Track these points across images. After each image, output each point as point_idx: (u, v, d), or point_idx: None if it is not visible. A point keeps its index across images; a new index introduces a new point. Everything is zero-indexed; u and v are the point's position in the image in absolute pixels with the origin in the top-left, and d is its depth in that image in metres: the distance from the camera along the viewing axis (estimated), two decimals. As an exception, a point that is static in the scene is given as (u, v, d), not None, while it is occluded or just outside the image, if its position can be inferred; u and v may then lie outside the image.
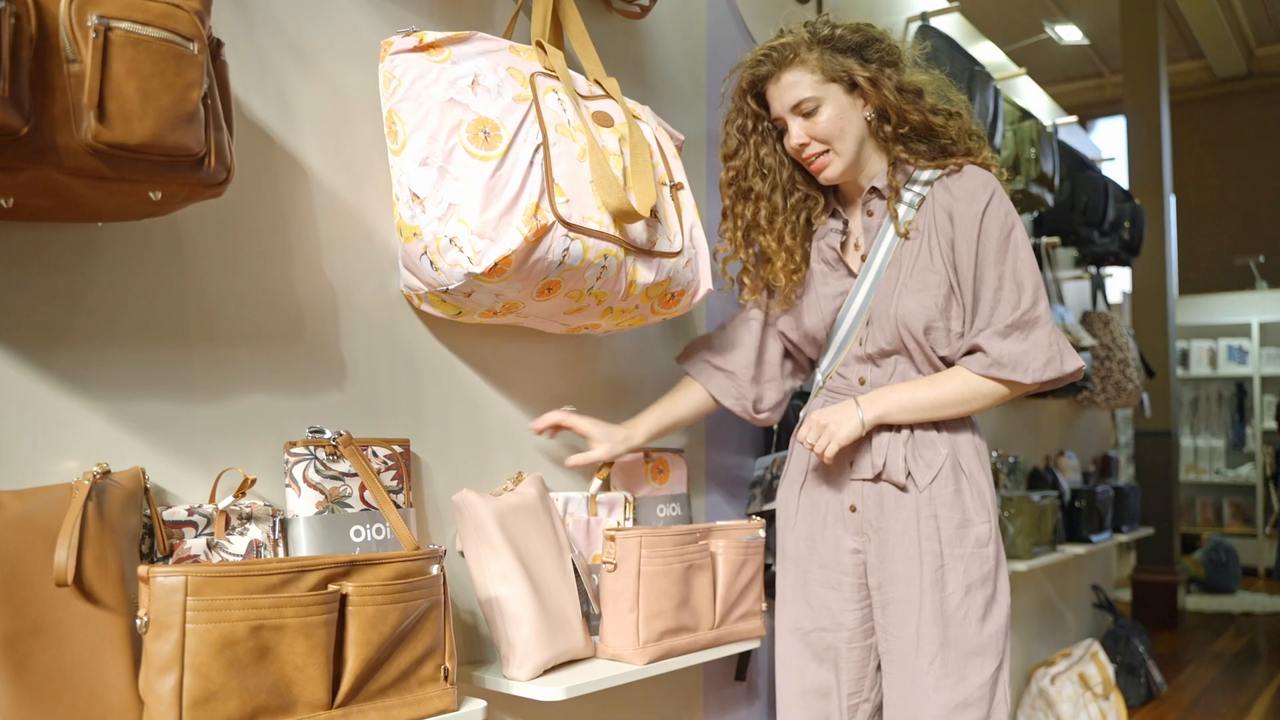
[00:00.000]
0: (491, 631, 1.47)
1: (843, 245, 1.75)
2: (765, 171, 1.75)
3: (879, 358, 1.69)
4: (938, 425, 1.66)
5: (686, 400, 1.83)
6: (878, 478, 1.67)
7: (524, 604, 1.45)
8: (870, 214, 1.72)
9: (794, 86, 1.65)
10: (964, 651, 1.61)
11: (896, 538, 1.65)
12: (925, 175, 1.68)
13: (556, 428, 1.70)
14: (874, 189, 1.71)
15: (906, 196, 1.68)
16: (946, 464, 1.65)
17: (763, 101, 1.73)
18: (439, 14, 1.56)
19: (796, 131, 1.67)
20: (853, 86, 1.65)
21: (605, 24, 1.86)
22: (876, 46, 1.66)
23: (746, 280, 1.82)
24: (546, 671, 1.48)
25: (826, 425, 1.61)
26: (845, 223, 1.75)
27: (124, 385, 1.17)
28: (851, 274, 1.72)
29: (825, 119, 1.64)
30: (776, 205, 1.75)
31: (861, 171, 1.71)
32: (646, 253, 1.53)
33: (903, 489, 1.65)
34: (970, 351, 1.65)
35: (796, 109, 1.66)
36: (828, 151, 1.67)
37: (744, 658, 2.13)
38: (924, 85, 1.68)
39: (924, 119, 1.66)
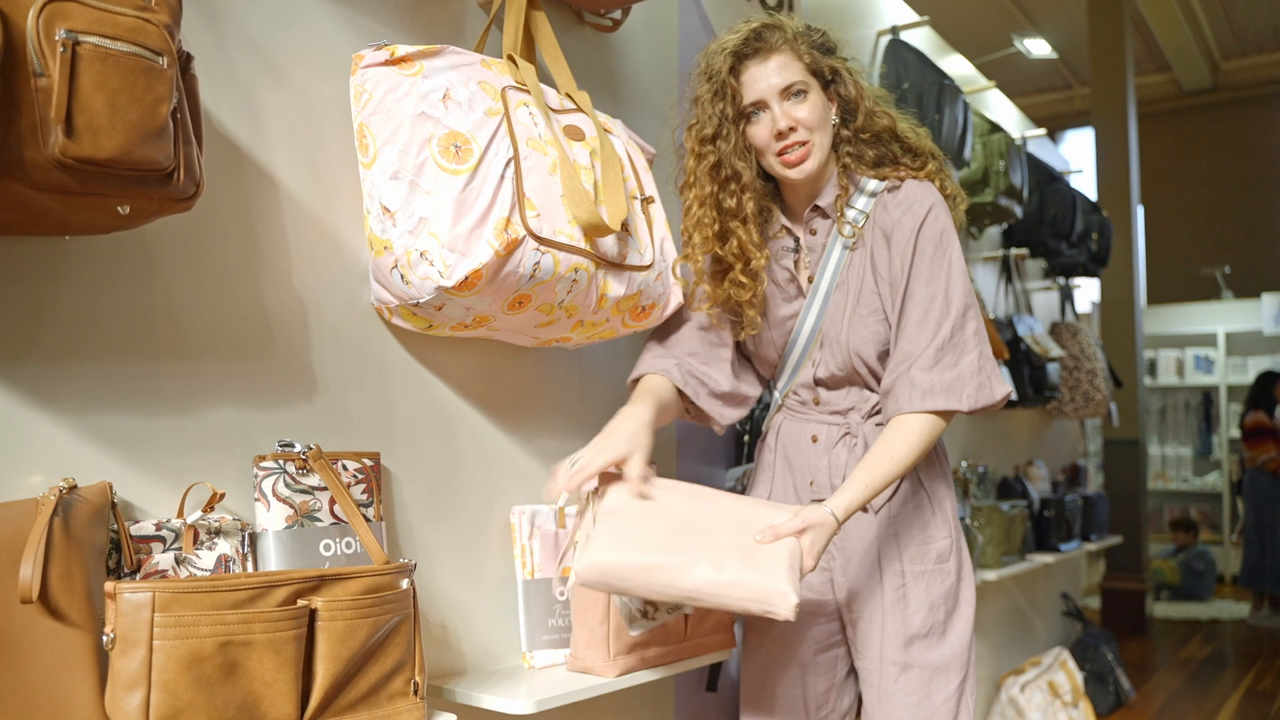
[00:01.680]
0: None
1: (795, 264, 1.70)
2: (743, 166, 1.62)
3: (831, 383, 1.68)
4: None
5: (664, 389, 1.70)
6: None
7: None
8: (813, 233, 1.67)
9: (786, 69, 1.58)
10: (928, 668, 1.63)
11: (859, 557, 1.67)
12: (871, 186, 1.64)
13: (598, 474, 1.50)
14: (817, 207, 1.66)
15: (850, 214, 1.63)
16: (905, 481, 1.66)
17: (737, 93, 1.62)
18: (410, 27, 1.57)
19: (781, 115, 1.57)
20: (827, 85, 1.63)
21: (577, 37, 1.87)
22: (844, 51, 1.67)
23: (707, 287, 1.68)
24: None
25: (811, 524, 1.44)
26: (797, 240, 1.70)
27: (91, 399, 1.16)
28: (802, 293, 1.69)
29: (811, 105, 1.58)
30: (758, 190, 1.65)
31: (821, 177, 1.65)
32: (617, 266, 1.54)
33: (863, 509, 1.64)
34: (897, 385, 1.56)
35: (786, 91, 1.57)
36: (809, 142, 1.58)
37: (715, 669, 2.13)
38: (880, 94, 1.70)
39: (891, 122, 1.65)
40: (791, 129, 1.58)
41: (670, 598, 1.39)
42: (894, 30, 3.05)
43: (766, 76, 1.58)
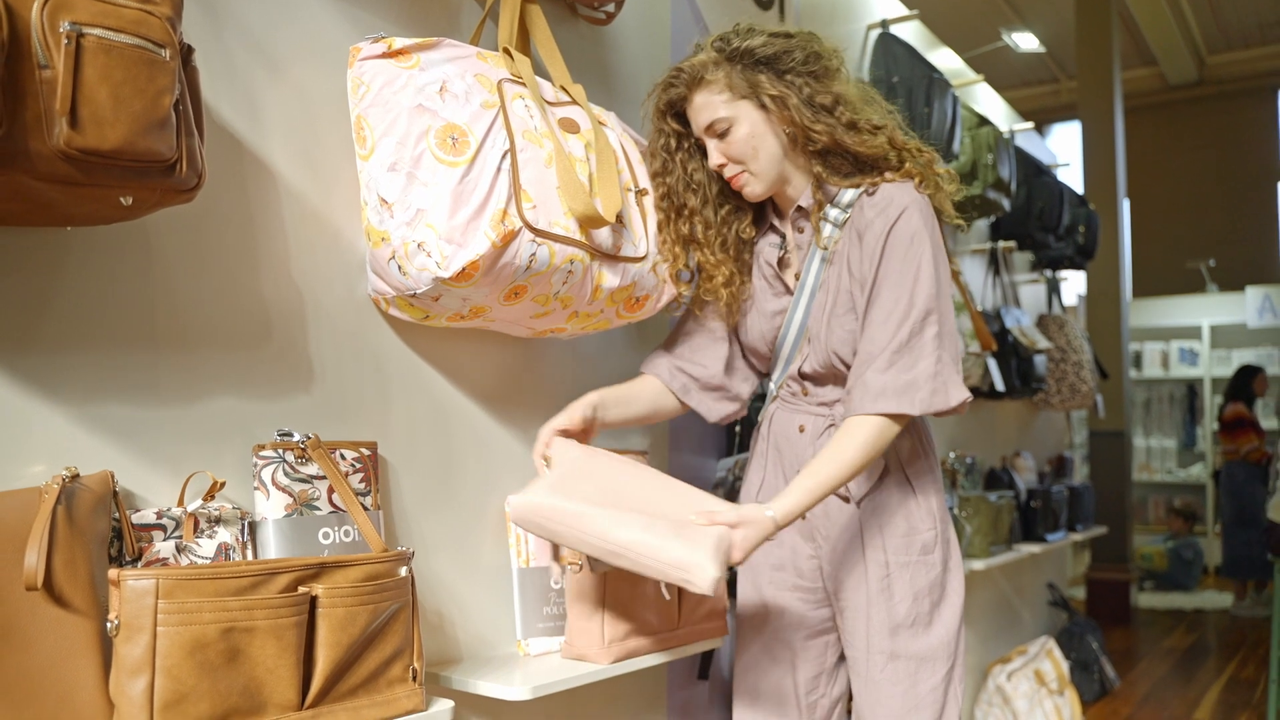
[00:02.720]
0: None
1: (780, 261, 1.72)
2: (695, 186, 1.69)
3: (816, 377, 1.70)
4: None
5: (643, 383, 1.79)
6: None
7: None
8: (800, 231, 1.69)
9: (705, 108, 1.60)
10: (914, 658, 1.65)
11: (844, 546, 1.69)
12: (847, 197, 1.61)
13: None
14: (800, 208, 1.67)
15: (831, 214, 1.63)
16: (889, 475, 1.68)
17: (683, 119, 1.68)
18: (406, 20, 1.58)
19: (713, 152, 1.63)
20: (765, 104, 1.58)
21: (570, 30, 1.88)
22: (791, 57, 1.58)
23: (690, 291, 1.78)
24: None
25: (744, 520, 1.44)
26: (783, 237, 1.72)
27: (92, 388, 1.17)
28: (789, 291, 1.71)
29: (737, 139, 1.59)
30: (709, 219, 1.70)
31: (789, 185, 1.66)
32: (612, 258, 1.56)
33: (846, 500, 1.68)
34: (854, 386, 1.57)
35: (710, 130, 1.61)
36: (743, 172, 1.62)
37: (706, 657, 2.16)
38: (844, 96, 1.60)
39: (832, 138, 1.57)
40: (722, 165, 1.63)
41: (596, 550, 1.40)
42: (884, 24, 3.07)
43: (694, 116, 1.63)
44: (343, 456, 1.39)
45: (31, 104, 0.92)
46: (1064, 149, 8.81)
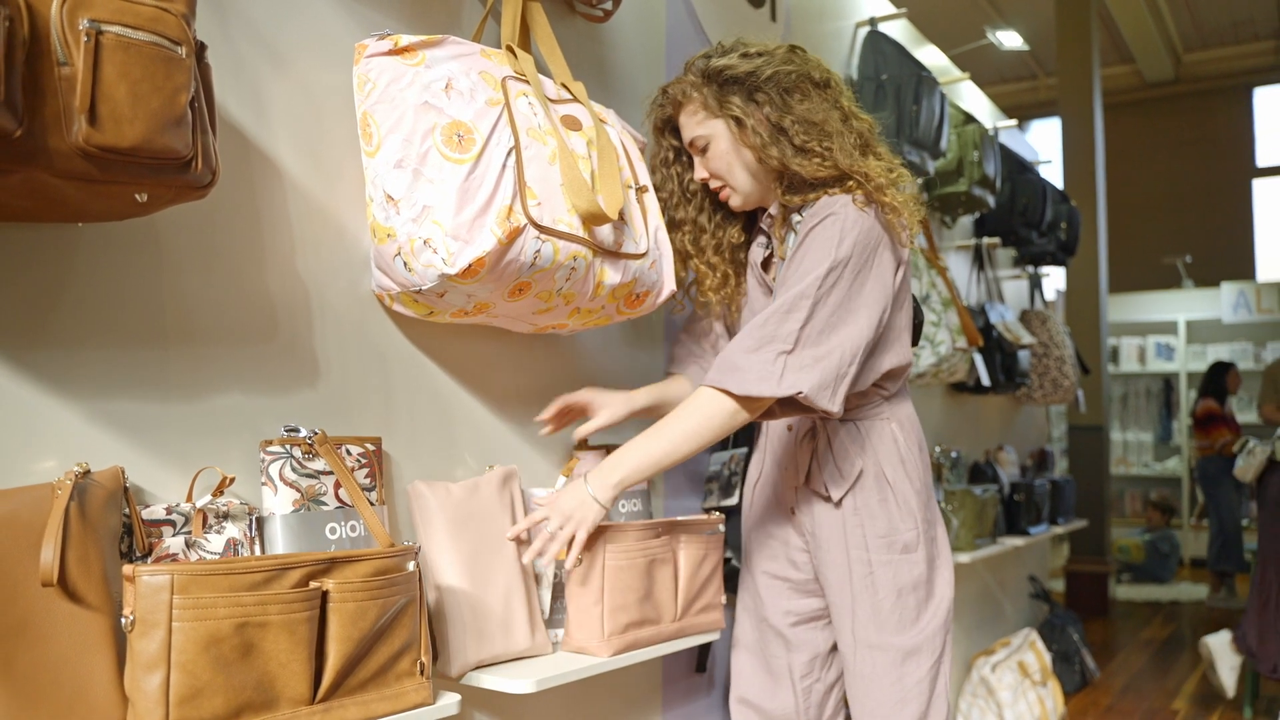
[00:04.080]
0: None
1: (764, 263, 1.80)
2: (689, 196, 1.82)
3: None
4: (856, 436, 1.72)
5: (678, 388, 1.88)
6: (806, 485, 1.76)
7: (455, 601, 1.48)
8: (781, 239, 1.76)
9: (686, 127, 1.73)
10: (899, 651, 1.69)
11: (828, 543, 1.74)
12: (806, 209, 1.67)
13: (564, 412, 1.74)
14: (770, 216, 1.75)
15: (794, 221, 1.70)
16: (867, 475, 1.71)
17: (677, 133, 1.80)
18: (408, 16, 1.58)
19: (698, 167, 1.75)
20: (736, 123, 1.66)
21: (569, 27, 1.88)
22: (759, 76, 1.63)
23: (689, 297, 1.92)
24: (483, 666, 1.51)
25: (571, 515, 1.52)
26: (769, 239, 1.79)
27: (102, 384, 1.18)
28: (770, 290, 1.78)
29: (715, 155, 1.70)
30: (703, 226, 1.82)
31: (770, 197, 1.74)
32: (613, 254, 1.57)
33: (828, 500, 1.72)
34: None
35: (692, 146, 1.73)
36: (724, 186, 1.73)
37: (703, 649, 2.17)
38: (806, 117, 1.63)
39: (781, 163, 1.64)
40: (705, 179, 1.76)
41: None
42: (872, 22, 3.09)
43: (682, 132, 1.76)
44: (348, 452, 1.40)
45: (51, 101, 0.92)
46: (1043, 145, 8.88)
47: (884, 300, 1.61)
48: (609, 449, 1.92)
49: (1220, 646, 4.09)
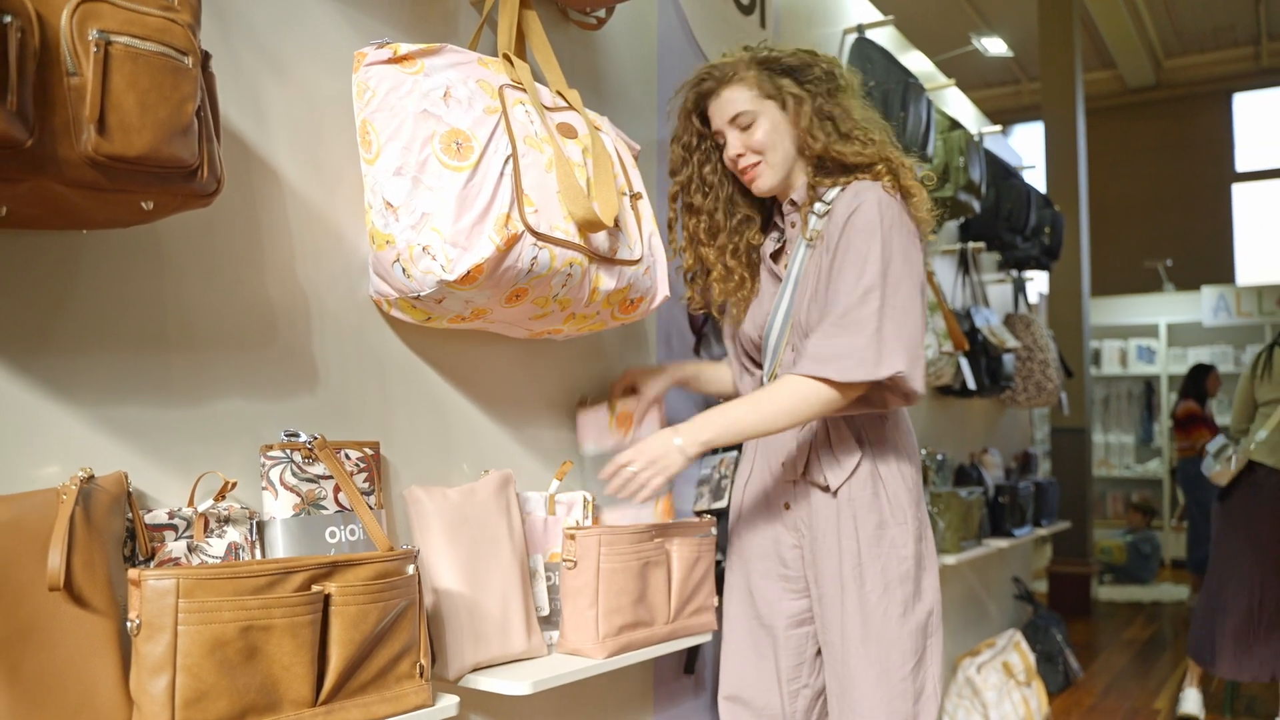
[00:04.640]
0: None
1: (776, 255, 1.86)
2: (707, 188, 1.86)
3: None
4: (854, 430, 1.75)
5: (720, 369, 2.03)
6: (803, 478, 1.78)
7: (453, 604, 1.49)
8: (792, 225, 1.83)
9: (732, 101, 1.76)
10: (886, 645, 1.71)
11: (822, 535, 1.76)
12: (832, 193, 1.74)
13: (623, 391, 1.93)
14: (792, 201, 1.80)
15: (818, 208, 1.75)
16: (862, 468, 1.74)
17: (706, 121, 1.84)
18: (405, 24, 1.59)
19: (733, 142, 1.78)
20: (785, 105, 1.74)
21: (562, 35, 1.90)
22: (812, 71, 1.75)
23: (694, 292, 1.95)
24: (480, 668, 1.52)
25: (655, 460, 1.60)
26: (781, 233, 1.86)
27: (105, 390, 1.18)
28: (780, 279, 1.83)
29: (761, 131, 1.75)
30: (719, 223, 1.87)
31: (791, 186, 1.80)
32: (609, 261, 1.58)
33: (825, 490, 1.75)
34: (799, 351, 1.71)
35: (734, 121, 1.76)
36: (760, 163, 1.76)
37: (693, 651, 2.19)
38: (849, 112, 1.75)
39: (825, 145, 1.72)
40: (740, 155, 1.78)
41: None
42: (859, 29, 3.12)
43: (720, 110, 1.79)
44: (347, 456, 1.41)
45: (60, 111, 0.93)
46: (1026, 149, 8.94)
47: (921, 280, 1.70)
48: (610, 406, 1.93)
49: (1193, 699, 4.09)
